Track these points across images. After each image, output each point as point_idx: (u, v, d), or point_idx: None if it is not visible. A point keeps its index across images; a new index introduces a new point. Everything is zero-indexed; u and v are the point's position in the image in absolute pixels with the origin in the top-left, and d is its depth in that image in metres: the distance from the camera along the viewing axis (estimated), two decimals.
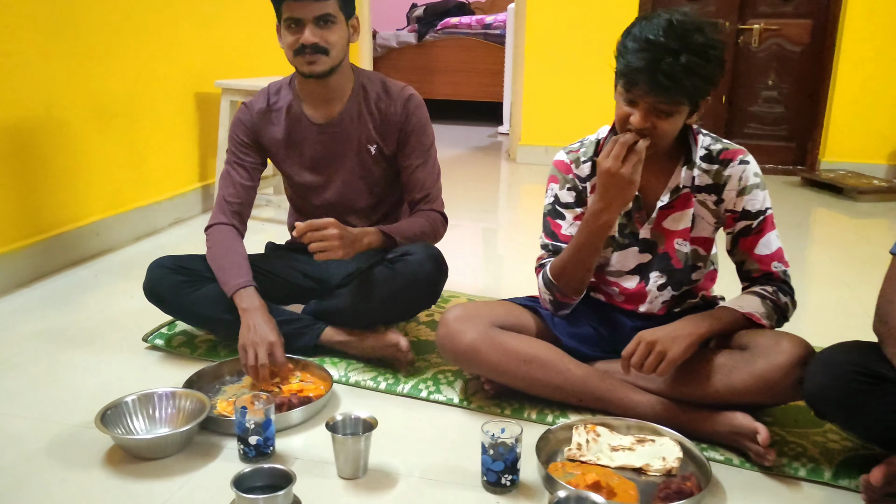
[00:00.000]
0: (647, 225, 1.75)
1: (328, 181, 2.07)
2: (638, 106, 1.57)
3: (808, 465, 1.57)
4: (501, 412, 1.77)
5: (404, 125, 2.02)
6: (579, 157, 1.81)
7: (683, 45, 1.49)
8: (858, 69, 4.49)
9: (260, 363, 1.76)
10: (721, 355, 1.62)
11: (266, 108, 2.06)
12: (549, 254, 1.84)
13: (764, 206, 1.71)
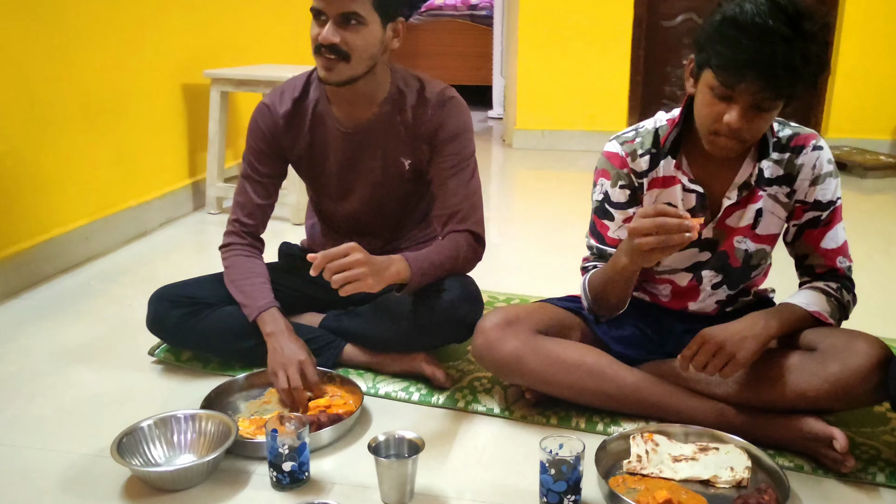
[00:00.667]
0: (711, 224, 1.60)
1: (352, 191, 1.86)
2: (736, 102, 1.37)
3: (885, 470, 1.46)
4: (547, 422, 1.64)
5: (439, 130, 1.76)
6: (636, 150, 1.61)
7: (797, 32, 1.30)
8: (861, 43, 4.40)
9: (293, 386, 1.63)
10: (789, 357, 1.50)
11: (291, 109, 1.80)
12: (594, 257, 1.69)
13: (836, 196, 1.57)
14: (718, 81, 1.36)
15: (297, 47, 4.31)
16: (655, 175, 1.61)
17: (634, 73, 4.76)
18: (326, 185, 1.88)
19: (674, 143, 1.57)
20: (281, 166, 1.87)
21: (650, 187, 1.62)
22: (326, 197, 1.91)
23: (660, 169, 1.60)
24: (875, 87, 4.42)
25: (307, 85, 1.81)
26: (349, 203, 1.88)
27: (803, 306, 1.54)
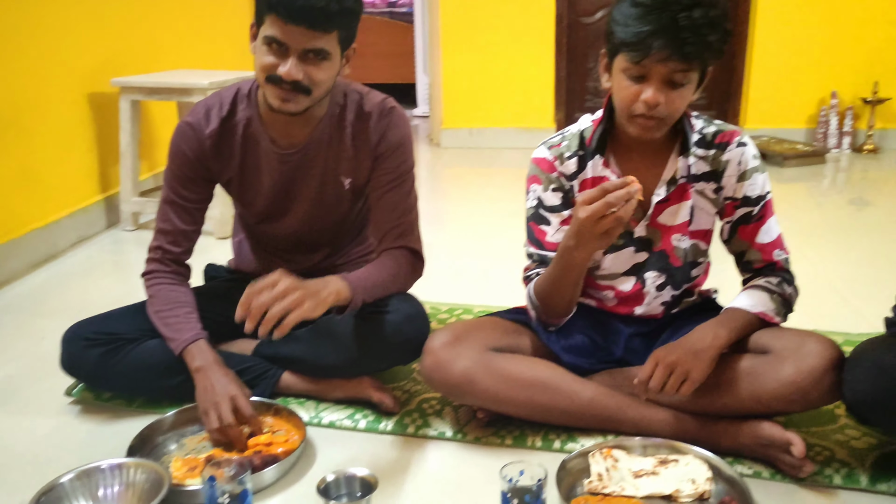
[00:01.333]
0: (643, 222, 1.59)
1: (287, 211, 1.75)
2: (649, 80, 1.38)
3: (841, 471, 1.46)
4: (502, 442, 1.58)
5: (380, 143, 1.68)
6: (563, 153, 1.61)
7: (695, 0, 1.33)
8: (774, 32, 4.50)
9: (226, 423, 1.50)
10: (742, 361, 1.48)
11: (218, 129, 1.66)
12: (535, 264, 1.64)
13: (765, 191, 1.58)
14: (629, 61, 1.38)
15: (209, 52, 4.14)
16: (584, 176, 1.60)
17: (558, 69, 4.76)
18: (259, 205, 1.76)
19: (599, 141, 1.56)
20: (208, 189, 1.74)
21: (581, 188, 1.60)
22: (258, 217, 1.79)
23: (588, 170, 1.59)
24: (789, 79, 4.54)
25: (235, 103, 1.67)
26: (283, 223, 1.77)
27: (748, 309, 1.53)
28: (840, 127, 4.49)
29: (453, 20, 4.73)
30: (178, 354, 1.59)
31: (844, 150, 4.52)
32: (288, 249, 1.81)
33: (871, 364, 1.35)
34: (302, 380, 1.74)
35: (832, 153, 4.48)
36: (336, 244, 1.85)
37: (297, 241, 1.80)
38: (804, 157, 4.25)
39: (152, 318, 1.66)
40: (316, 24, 1.44)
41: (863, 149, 4.49)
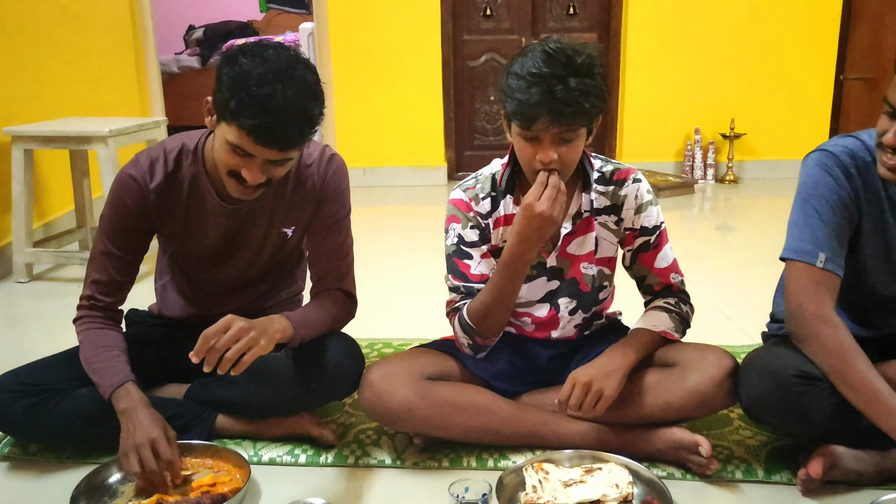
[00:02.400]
0: (553, 253, 1.75)
1: (229, 260, 1.77)
2: (541, 141, 1.54)
3: (741, 467, 1.65)
4: (439, 465, 1.68)
5: (322, 189, 1.73)
6: (478, 194, 1.74)
7: (571, 70, 1.49)
8: (642, 76, 4.91)
9: (148, 470, 1.50)
10: (650, 375, 1.66)
11: (164, 183, 1.66)
12: (461, 296, 1.75)
13: (659, 221, 1.77)
14: (519, 128, 1.53)
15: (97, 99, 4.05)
16: (498, 215, 1.73)
17: (447, 110, 4.96)
18: (200, 257, 1.77)
19: (508, 182, 1.71)
20: (146, 241, 1.73)
21: (495, 226, 1.73)
22: (197, 265, 1.80)
23: (501, 209, 1.73)
24: (657, 117, 4.95)
25: (180, 158, 1.67)
26: (223, 271, 1.80)
27: (652, 328, 1.71)
28: (704, 160, 4.93)
29: (343, 64, 4.85)
30: (107, 398, 1.59)
31: (709, 181, 4.95)
32: (222, 294, 1.83)
33: (761, 370, 1.55)
34: (238, 421, 1.77)
35: (699, 184, 4.90)
36: (269, 288, 1.89)
37: (232, 288, 1.83)
38: (675, 188, 4.63)
39: (83, 364, 1.65)
40: (289, 148, 1.49)
41: (725, 179, 4.94)
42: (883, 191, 1.54)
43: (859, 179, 1.53)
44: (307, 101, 1.45)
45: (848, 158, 1.54)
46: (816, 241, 1.52)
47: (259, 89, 1.40)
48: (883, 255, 1.58)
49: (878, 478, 1.57)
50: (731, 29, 4.80)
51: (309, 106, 1.46)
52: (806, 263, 1.52)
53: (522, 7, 4.95)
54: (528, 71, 1.49)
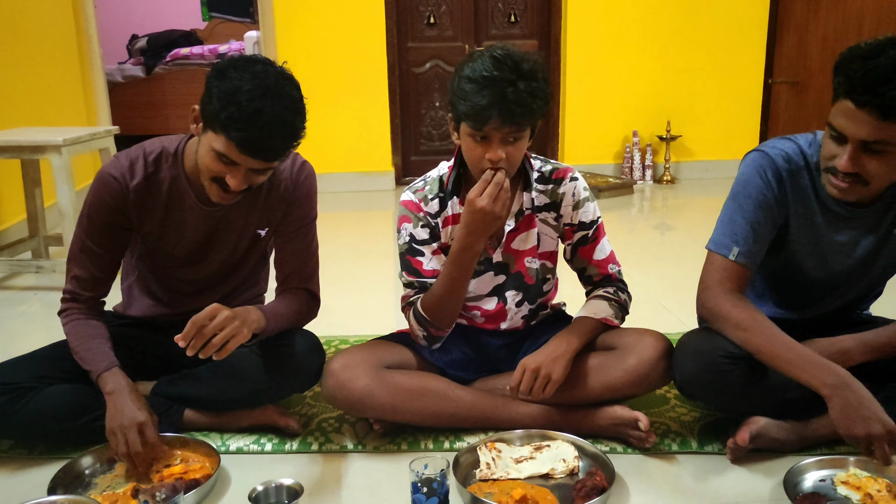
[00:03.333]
0: (499, 249, 1.87)
1: (203, 260, 1.85)
2: (491, 141, 1.65)
3: (676, 440, 1.80)
4: (398, 448, 1.78)
5: (293, 192, 1.82)
6: (426, 195, 1.85)
7: (519, 74, 1.61)
8: (582, 82, 5.10)
9: (133, 450, 1.59)
10: (593, 358, 1.79)
11: (143, 183, 1.72)
12: (415, 291, 1.85)
13: (596, 216, 1.90)
14: (471, 128, 1.64)
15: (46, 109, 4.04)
16: (446, 214, 1.84)
17: (393, 116, 5.07)
18: (176, 256, 1.84)
19: (455, 184, 1.82)
20: (126, 239, 1.80)
21: (444, 225, 1.85)
22: (172, 264, 1.87)
23: (448, 209, 1.84)
24: (597, 120, 5.14)
25: (160, 161, 1.74)
26: (197, 270, 1.86)
27: (593, 316, 1.84)
28: (643, 161, 5.14)
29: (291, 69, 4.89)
30: (95, 381, 1.67)
31: (648, 182, 5.16)
32: (189, 294, 1.90)
33: (691, 351, 1.70)
34: (205, 414, 1.84)
35: (638, 184, 5.10)
36: (235, 288, 1.96)
37: (202, 287, 1.90)
38: (615, 188, 4.82)
39: (72, 353, 1.72)
40: (268, 159, 1.58)
41: (662, 179, 5.16)
42: (813, 192, 1.68)
43: (790, 182, 1.68)
44: (292, 117, 1.55)
45: (782, 162, 1.68)
46: (734, 236, 1.68)
47: (249, 104, 1.49)
48: (812, 248, 1.73)
49: (799, 445, 1.73)
50: (666, 36, 5.03)
51: (294, 121, 1.56)
52: (720, 255, 1.68)
53: (465, 15, 5.09)
54: (479, 75, 1.61)
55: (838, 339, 1.68)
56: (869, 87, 1.44)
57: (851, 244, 1.70)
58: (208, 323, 1.51)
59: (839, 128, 1.52)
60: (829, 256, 1.71)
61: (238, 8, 8.02)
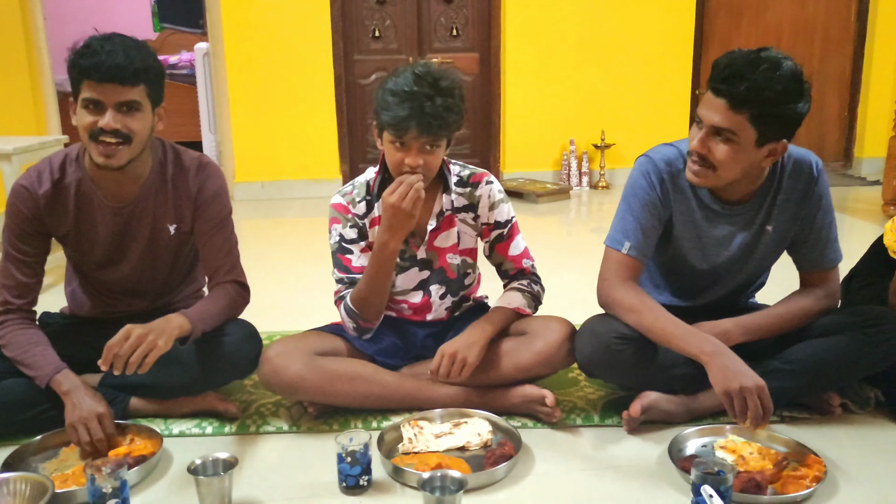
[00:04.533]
0: (422, 247, 2.05)
1: (121, 259, 1.98)
2: (409, 148, 1.84)
3: (581, 415, 2.00)
4: (330, 428, 1.95)
5: (199, 193, 1.96)
6: (354, 198, 2.02)
7: (437, 90, 1.80)
8: (521, 93, 5.33)
9: (96, 438, 1.74)
10: (506, 342, 1.99)
11: (51, 190, 1.87)
12: (345, 286, 2.02)
13: (510, 216, 2.09)
14: (392, 136, 1.83)
15: None
16: (372, 216, 2.01)
17: (340, 126, 5.24)
18: (96, 254, 1.97)
19: (380, 187, 1.99)
20: (45, 244, 1.94)
21: (371, 226, 2.02)
22: (94, 265, 2.01)
23: (375, 210, 2.01)
24: (536, 130, 5.38)
25: (64, 167, 1.89)
26: (118, 269, 2.00)
27: (507, 306, 2.04)
28: (579, 168, 5.39)
29: (239, 82, 5.05)
30: (45, 386, 1.80)
31: (584, 188, 5.41)
32: (125, 293, 2.04)
33: (589, 333, 1.91)
34: (149, 402, 1.99)
35: (575, 190, 5.35)
36: (168, 286, 2.11)
37: (133, 286, 2.04)
38: (553, 194, 5.05)
39: (12, 361, 1.85)
40: (125, 79, 1.73)
41: (598, 185, 5.41)
42: (692, 191, 1.91)
43: (670, 183, 1.90)
44: (130, 45, 1.75)
45: (664, 165, 1.91)
46: (625, 232, 1.90)
47: (93, 43, 1.73)
48: (695, 242, 1.95)
49: (687, 417, 1.95)
50: (599, 50, 5.29)
51: (132, 47, 1.75)
52: (614, 249, 1.90)
53: (409, 29, 5.29)
54: (401, 89, 1.79)
55: (720, 322, 1.90)
56: (726, 78, 1.68)
57: (728, 238, 1.93)
58: (123, 344, 1.67)
59: (699, 114, 1.76)
60: (710, 249, 1.94)
61: (189, 19, 8.10)
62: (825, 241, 1.93)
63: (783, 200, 1.89)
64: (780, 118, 1.71)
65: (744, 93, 1.66)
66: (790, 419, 1.96)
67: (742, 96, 1.67)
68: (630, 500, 1.65)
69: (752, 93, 1.66)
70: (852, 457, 1.79)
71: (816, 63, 5.65)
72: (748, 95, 1.67)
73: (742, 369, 1.70)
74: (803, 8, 5.56)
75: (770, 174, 1.88)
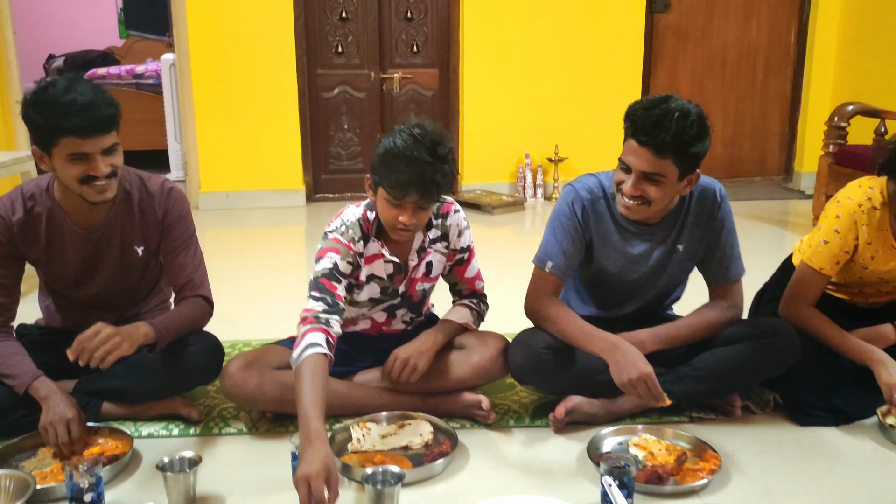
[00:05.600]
0: (404, 282, 2.21)
1: (91, 279, 2.14)
2: (405, 208, 1.96)
3: (514, 417, 2.23)
4: (286, 430, 2.15)
5: (165, 217, 2.12)
6: (353, 237, 2.09)
7: (435, 157, 1.92)
8: (478, 108, 5.56)
9: (61, 441, 1.91)
10: (449, 355, 2.20)
11: (24, 217, 2.03)
12: (325, 307, 1.98)
13: (470, 242, 2.27)
14: (389, 196, 1.98)
15: None
16: (367, 254, 2.15)
17: (304, 137, 5.41)
18: (66, 277, 2.14)
19: (377, 230, 2.13)
20: (19, 267, 2.10)
21: (366, 263, 2.15)
22: (65, 286, 2.17)
23: (368, 249, 2.14)
24: (493, 144, 5.61)
25: (35, 196, 2.05)
26: (89, 288, 2.17)
27: (456, 320, 2.25)
28: (534, 181, 5.63)
29: (205, 94, 5.20)
30: (23, 393, 1.97)
31: (539, 199, 5.65)
32: (95, 308, 2.21)
33: (520, 345, 2.14)
34: (120, 406, 2.17)
35: (529, 202, 5.58)
36: (136, 299, 2.28)
37: (103, 302, 2.21)
38: (508, 205, 5.29)
39: None
40: (105, 129, 1.90)
41: (552, 197, 5.66)
42: (609, 216, 2.15)
43: (591, 209, 2.14)
44: (95, 93, 1.88)
45: (585, 194, 2.14)
46: (548, 253, 2.13)
47: (62, 97, 1.83)
48: (614, 260, 2.18)
49: (608, 418, 2.18)
50: (553, 67, 5.54)
51: (97, 94, 1.88)
52: (539, 268, 2.13)
53: (371, 45, 5.49)
54: (401, 151, 1.90)
55: (637, 332, 2.13)
56: (647, 130, 1.92)
57: (645, 256, 2.17)
58: (92, 339, 1.85)
59: (626, 162, 1.99)
60: (627, 266, 2.18)
61: (155, 26, 8.18)
62: (729, 259, 2.18)
63: (692, 223, 2.14)
64: (694, 156, 1.96)
65: (666, 142, 1.90)
66: (698, 419, 2.20)
67: (664, 145, 1.90)
68: (551, 491, 1.86)
69: (673, 141, 1.90)
70: (748, 452, 2.04)
71: (759, 83, 5.97)
72: (670, 143, 1.90)
73: (632, 362, 1.95)
74: (746, 31, 5.87)
75: (680, 200, 2.12)
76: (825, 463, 2.01)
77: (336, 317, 2.00)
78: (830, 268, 2.21)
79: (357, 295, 2.17)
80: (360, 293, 2.17)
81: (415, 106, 5.68)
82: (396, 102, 5.62)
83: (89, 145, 1.87)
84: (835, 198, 2.27)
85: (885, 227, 2.17)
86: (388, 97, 5.61)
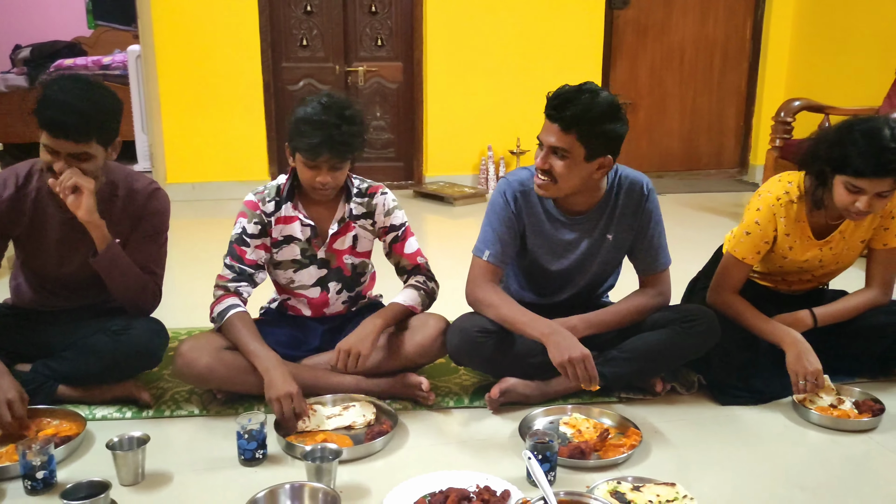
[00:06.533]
0: (322, 248, 2.35)
1: (69, 261, 2.23)
2: (320, 169, 2.15)
3: (454, 398, 2.35)
4: (236, 412, 2.25)
5: (143, 211, 2.25)
6: (265, 198, 2.30)
7: (343, 119, 2.12)
8: (442, 101, 5.66)
9: (4, 421, 1.99)
10: (394, 336, 2.32)
11: (14, 194, 2.14)
12: (234, 275, 2.26)
13: (403, 221, 2.41)
14: (305, 159, 2.14)
15: None
16: (279, 215, 2.30)
17: (269, 129, 5.49)
18: (42, 256, 2.24)
19: (289, 192, 2.29)
20: (3, 243, 2.21)
21: (276, 224, 2.30)
22: (40, 265, 2.26)
23: (282, 211, 2.30)
24: (456, 136, 5.72)
25: (29, 176, 2.17)
26: (65, 269, 2.26)
27: (402, 303, 2.36)
28: (497, 173, 5.75)
29: (170, 86, 5.26)
30: None
31: None
32: (65, 289, 2.31)
33: (457, 328, 2.26)
34: (74, 389, 2.26)
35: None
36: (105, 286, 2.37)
37: (73, 283, 2.30)
38: (469, 197, 5.40)
39: None
40: (76, 138, 2.00)
41: None
42: (541, 206, 2.27)
43: (523, 200, 2.26)
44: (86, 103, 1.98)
45: (518, 185, 2.27)
46: (486, 242, 2.25)
47: (53, 95, 1.97)
48: (546, 248, 2.31)
49: (542, 399, 2.31)
50: (515, 61, 5.66)
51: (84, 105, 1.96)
52: (477, 257, 2.25)
53: (335, 39, 5.57)
54: (310, 117, 2.11)
55: (569, 318, 2.26)
56: (556, 106, 2.07)
57: (574, 244, 2.29)
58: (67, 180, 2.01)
59: (539, 138, 2.14)
60: (559, 254, 2.30)
61: (124, 16, 8.18)
62: (656, 249, 2.31)
63: (620, 214, 2.27)
64: (601, 136, 2.09)
65: (571, 117, 2.03)
66: (626, 399, 2.34)
67: (569, 119, 2.04)
68: (483, 467, 1.98)
69: (577, 116, 2.04)
70: (670, 429, 2.18)
71: (716, 77, 6.13)
72: (574, 118, 2.04)
73: (571, 344, 2.07)
74: (703, 27, 6.03)
75: (608, 192, 2.25)
76: (740, 439, 2.15)
77: (245, 283, 2.28)
78: (752, 257, 2.35)
79: (276, 254, 2.32)
80: (279, 252, 2.32)
81: (380, 98, 5.77)
82: (361, 95, 5.70)
83: (57, 145, 2.00)
84: (757, 191, 2.41)
85: (802, 220, 2.31)
86: (352, 90, 5.69)
